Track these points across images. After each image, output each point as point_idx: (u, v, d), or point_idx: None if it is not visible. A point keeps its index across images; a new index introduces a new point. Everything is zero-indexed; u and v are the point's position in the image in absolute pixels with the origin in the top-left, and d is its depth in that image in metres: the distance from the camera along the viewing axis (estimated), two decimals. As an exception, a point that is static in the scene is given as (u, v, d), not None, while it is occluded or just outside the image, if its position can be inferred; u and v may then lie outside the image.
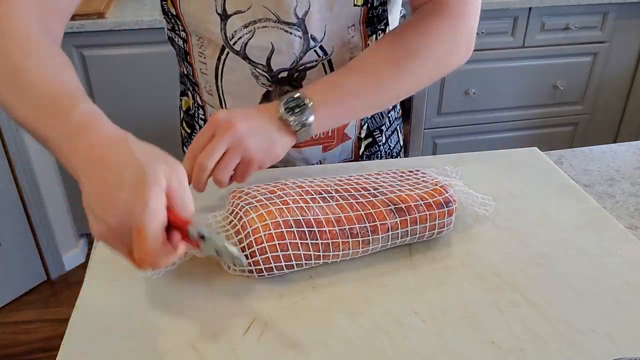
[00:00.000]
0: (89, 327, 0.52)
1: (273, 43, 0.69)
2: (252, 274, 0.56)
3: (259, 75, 0.72)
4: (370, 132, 0.85)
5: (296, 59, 0.71)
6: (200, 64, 0.75)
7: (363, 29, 0.73)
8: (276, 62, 0.71)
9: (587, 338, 0.51)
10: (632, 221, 0.71)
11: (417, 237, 0.61)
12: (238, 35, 0.69)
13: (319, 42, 0.70)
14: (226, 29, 0.69)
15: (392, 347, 0.50)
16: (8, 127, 1.70)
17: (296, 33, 0.69)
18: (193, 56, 0.75)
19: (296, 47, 0.70)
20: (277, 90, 0.73)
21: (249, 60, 0.71)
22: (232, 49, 0.70)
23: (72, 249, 2.07)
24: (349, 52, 0.73)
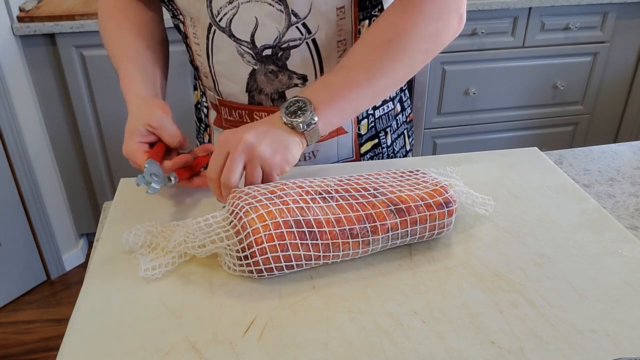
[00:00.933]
0: (89, 327, 0.52)
1: (257, 17, 0.71)
2: (252, 274, 0.56)
3: (244, 53, 0.74)
4: (377, 133, 0.85)
5: (279, 34, 0.72)
6: (195, 45, 0.78)
7: (354, 12, 0.72)
8: (260, 37, 0.72)
9: (587, 338, 0.51)
10: (632, 221, 0.71)
11: (417, 238, 0.61)
12: (223, 11, 0.71)
13: (302, 19, 0.71)
14: (212, 6, 0.71)
15: (392, 347, 0.50)
16: (8, 127, 1.70)
17: (278, 7, 0.70)
18: (190, 39, 0.78)
19: (278, 21, 0.71)
20: (263, 69, 0.74)
21: (234, 37, 0.73)
22: (219, 26, 0.72)
23: (72, 249, 2.08)
24: (337, 35, 0.73)
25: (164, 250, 0.59)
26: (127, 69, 0.76)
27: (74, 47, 1.71)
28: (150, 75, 0.77)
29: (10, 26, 1.66)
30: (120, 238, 0.60)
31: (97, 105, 1.82)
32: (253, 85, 0.77)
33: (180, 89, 1.84)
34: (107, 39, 0.81)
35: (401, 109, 0.89)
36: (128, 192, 0.73)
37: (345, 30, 0.73)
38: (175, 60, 1.93)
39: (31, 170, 1.81)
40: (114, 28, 0.81)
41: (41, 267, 1.96)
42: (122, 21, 0.81)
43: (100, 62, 1.75)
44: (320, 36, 0.72)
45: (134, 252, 0.60)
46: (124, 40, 0.79)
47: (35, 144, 1.82)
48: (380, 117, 0.84)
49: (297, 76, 0.75)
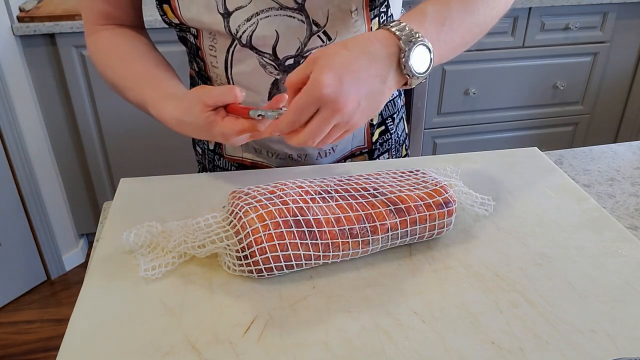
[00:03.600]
0: (89, 327, 0.52)
1: (277, 30, 0.70)
2: (252, 274, 0.56)
3: (267, 65, 0.73)
4: (384, 120, 0.86)
5: (301, 45, 0.72)
6: (211, 57, 0.76)
7: (366, 12, 0.73)
8: (282, 49, 0.72)
9: (587, 338, 0.51)
10: (632, 221, 0.71)
11: (417, 238, 0.61)
12: (242, 29, 0.71)
13: (322, 27, 0.71)
14: (230, 26, 0.70)
15: (392, 347, 0.50)
16: (8, 127, 1.70)
17: (298, 17, 0.70)
18: (204, 51, 0.77)
19: (300, 33, 0.71)
20: (285, 78, 0.74)
21: (256, 50, 0.72)
22: (240, 42, 0.72)
23: (72, 249, 2.08)
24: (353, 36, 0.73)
25: (164, 250, 0.59)
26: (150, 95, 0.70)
27: (74, 47, 1.71)
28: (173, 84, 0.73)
29: (10, 26, 1.66)
30: (120, 238, 0.60)
31: (97, 105, 1.82)
32: (275, 94, 0.76)
33: (180, 89, 1.84)
34: (113, 73, 0.76)
35: (398, 93, 0.90)
36: (128, 192, 0.73)
37: (359, 31, 0.74)
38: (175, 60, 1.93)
39: (31, 170, 1.81)
40: (117, 63, 0.76)
41: (41, 267, 1.96)
42: (125, 52, 0.77)
43: (100, 62, 1.75)
44: (339, 40, 0.72)
45: (134, 252, 0.60)
46: (135, 68, 0.75)
47: (35, 144, 1.82)
48: (387, 105, 0.85)
49: None
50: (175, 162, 1.97)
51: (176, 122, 0.66)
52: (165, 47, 1.92)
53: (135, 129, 1.89)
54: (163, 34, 1.73)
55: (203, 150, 0.92)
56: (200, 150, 0.93)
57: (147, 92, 0.70)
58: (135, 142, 1.91)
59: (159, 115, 0.68)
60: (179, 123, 0.65)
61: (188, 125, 0.65)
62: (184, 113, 0.64)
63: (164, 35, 1.74)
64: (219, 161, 0.90)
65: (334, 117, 0.54)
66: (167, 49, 1.84)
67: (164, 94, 0.69)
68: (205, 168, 0.93)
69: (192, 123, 0.64)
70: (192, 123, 0.64)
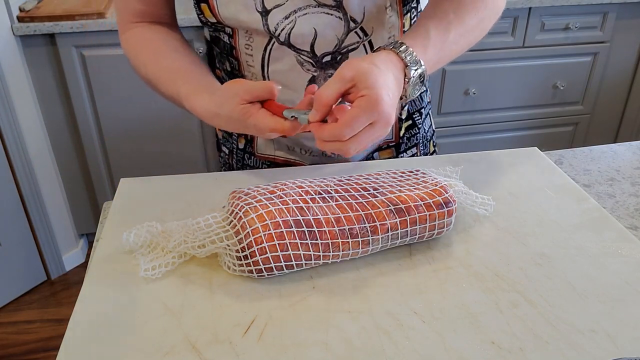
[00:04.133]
0: (89, 327, 0.52)
1: (315, 28, 0.72)
2: (252, 274, 0.56)
3: (304, 62, 0.75)
4: (410, 115, 0.87)
5: (338, 41, 0.73)
6: (246, 56, 0.77)
7: (399, 8, 0.75)
8: (320, 46, 0.73)
9: (587, 338, 0.51)
10: (632, 221, 0.71)
11: (417, 238, 0.61)
12: (280, 27, 0.72)
13: (359, 23, 0.73)
14: (268, 24, 0.71)
15: (392, 347, 0.50)
16: (8, 127, 1.70)
17: (336, 14, 0.71)
18: (239, 50, 0.77)
19: (337, 30, 0.72)
20: (322, 74, 0.76)
21: (294, 47, 0.73)
22: (278, 40, 0.73)
23: (72, 249, 2.08)
24: (388, 32, 0.76)
25: (164, 250, 0.59)
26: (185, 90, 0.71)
27: (74, 47, 1.71)
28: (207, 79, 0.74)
29: (10, 26, 1.66)
30: (120, 238, 0.60)
31: (97, 105, 1.82)
32: None
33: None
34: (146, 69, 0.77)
35: (425, 89, 0.91)
36: (128, 192, 0.73)
37: (394, 27, 0.76)
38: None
39: (31, 170, 1.81)
40: (150, 58, 0.77)
41: (41, 267, 1.96)
42: (158, 47, 0.78)
43: (100, 62, 1.75)
44: (375, 37, 0.75)
45: (134, 252, 0.60)
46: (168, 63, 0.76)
47: (35, 144, 1.82)
48: (413, 100, 0.87)
49: None
50: (175, 162, 1.97)
51: (210, 115, 0.66)
52: (165, 47, 1.90)
53: (135, 129, 1.89)
54: (163, 34, 1.73)
55: (231, 150, 0.92)
56: (227, 151, 0.93)
57: (180, 85, 0.71)
58: (135, 142, 1.91)
59: (193, 108, 0.69)
60: (213, 115, 0.66)
61: (222, 118, 0.65)
62: (218, 105, 0.65)
63: (164, 35, 1.74)
64: (249, 160, 0.90)
65: (383, 131, 0.58)
66: (167, 49, 1.83)
67: (197, 87, 0.70)
68: (232, 168, 0.93)
69: (226, 115, 0.64)
70: (226, 115, 0.64)
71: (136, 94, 1.82)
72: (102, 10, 1.70)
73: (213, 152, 2.00)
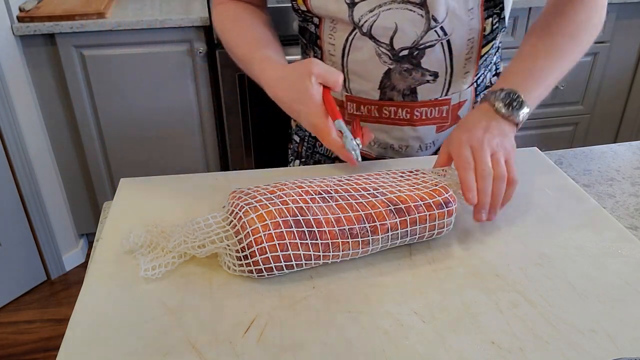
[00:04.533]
0: (89, 327, 0.52)
1: (397, 23, 0.75)
2: (251, 274, 0.56)
3: (382, 54, 0.78)
4: None
5: (417, 38, 0.76)
6: (329, 45, 0.82)
7: (481, 11, 0.77)
8: (399, 40, 0.77)
9: (587, 338, 0.51)
10: (632, 221, 0.71)
11: (417, 238, 0.61)
12: (365, 18, 0.76)
13: (440, 22, 0.75)
14: (353, 15, 0.76)
15: (392, 347, 0.50)
16: (8, 127, 1.70)
17: (419, 12, 0.74)
18: (323, 39, 0.82)
19: (418, 26, 0.75)
20: (397, 68, 0.79)
21: (374, 39, 0.77)
22: (360, 30, 0.77)
23: (72, 249, 2.08)
24: (467, 34, 0.78)
25: (164, 250, 0.59)
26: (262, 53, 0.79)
27: (73, 47, 1.71)
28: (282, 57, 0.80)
29: (10, 26, 1.66)
30: (120, 238, 0.60)
31: (97, 105, 1.82)
32: (387, 83, 0.81)
33: (180, 89, 1.84)
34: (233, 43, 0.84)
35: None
36: (128, 192, 0.73)
37: (474, 29, 0.78)
38: (175, 60, 1.93)
39: (31, 170, 1.81)
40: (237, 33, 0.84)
41: (41, 267, 1.96)
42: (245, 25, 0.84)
43: (100, 62, 1.75)
44: (454, 37, 0.77)
45: (134, 252, 0.60)
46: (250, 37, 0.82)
47: (35, 144, 1.82)
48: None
49: (430, 73, 0.80)
50: (175, 162, 1.97)
51: (276, 77, 0.74)
52: (165, 47, 1.92)
53: (135, 129, 1.89)
54: (163, 34, 1.73)
55: (302, 138, 0.96)
56: (298, 139, 0.97)
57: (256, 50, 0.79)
58: (135, 142, 1.91)
59: (262, 69, 0.76)
60: (279, 78, 0.73)
61: (285, 82, 0.73)
62: (289, 71, 0.72)
63: (164, 36, 1.74)
64: (320, 147, 0.94)
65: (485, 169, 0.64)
66: (168, 49, 1.85)
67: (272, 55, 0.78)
68: (301, 156, 0.97)
69: (290, 82, 0.72)
70: (291, 82, 0.72)
71: (136, 94, 1.82)
72: (102, 10, 1.70)
73: (213, 152, 2.00)
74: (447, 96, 0.83)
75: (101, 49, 1.74)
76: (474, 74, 0.84)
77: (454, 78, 0.81)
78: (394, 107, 0.83)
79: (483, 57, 0.83)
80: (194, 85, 1.84)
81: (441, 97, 0.82)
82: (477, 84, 0.86)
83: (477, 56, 0.82)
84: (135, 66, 1.77)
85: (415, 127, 0.85)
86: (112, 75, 1.78)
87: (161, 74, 1.80)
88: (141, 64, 1.77)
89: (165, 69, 1.80)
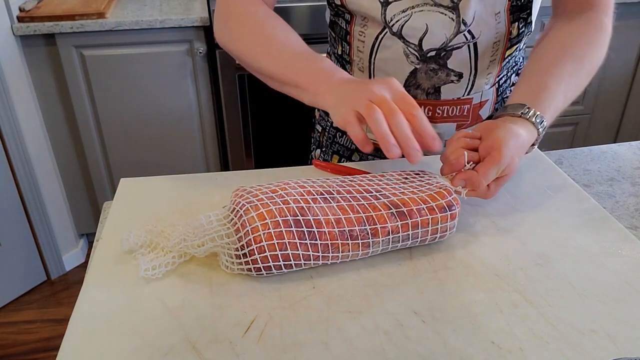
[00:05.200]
0: (89, 327, 0.52)
1: (428, 24, 0.77)
2: (250, 272, 0.56)
3: (410, 54, 0.80)
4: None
5: (446, 40, 0.78)
6: (358, 42, 0.83)
7: (507, 16, 0.79)
8: (428, 42, 0.78)
9: (587, 338, 0.51)
10: (632, 221, 0.71)
11: (419, 241, 0.61)
12: (396, 18, 0.77)
13: (468, 26, 0.77)
14: (386, 14, 0.77)
15: (392, 347, 0.50)
16: (8, 127, 1.70)
17: (450, 15, 0.76)
18: (353, 35, 0.83)
19: (448, 29, 0.77)
20: (424, 67, 0.81)
21: (404, 39, 0.79)
22: (390, 30, 0.78)
23: (72, 249, 2.08)
24: (494, 37, 0.80)
25: (164, 250, 0.59)
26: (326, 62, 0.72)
27: (73, 47, 1.71)
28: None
29: (10, 26, 1.66)
30: (120, 238, 0.60)
31: (97, 105, 1.82)
32: (412, 82, 0.83)
33: (180, 89, 1.84)
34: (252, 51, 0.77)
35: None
36: (128, 192, 0.73)
37: (500, 33, 0.80)
38: (175, 60, 1.93)
39: (31, 170, 1.81)
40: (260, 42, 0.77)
41: (41, 267, 1.96)
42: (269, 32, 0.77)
43: (100, 62, 1.76)
44: (481, 40, 0.79)
45: (134, 252, 0.60)
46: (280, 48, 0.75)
47: (35, 144, 1.82)
48: (504, 99, 0.90)
49: (454, 74, 0.81)
50: (175, 162, 1.97)
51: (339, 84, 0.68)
52: (165, 47, 1.92)
53: (135, 129, 1.89)
54: (163, 34, 1.73)
55: (324, 128, 0.97)
56: (320, 129, 0.99)
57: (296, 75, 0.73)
58: (135, 142, 1.91)
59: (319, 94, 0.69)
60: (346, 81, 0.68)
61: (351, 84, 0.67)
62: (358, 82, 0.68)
63: (164, 36, 1.74)
64: (340, 138, 0.95)
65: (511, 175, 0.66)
66: (168, 49, 1.85)
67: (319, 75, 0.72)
68: (322, 145, 0.98)
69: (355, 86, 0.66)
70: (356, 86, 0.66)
71: (136, 94, 1.82)
72: (102, 10, 1.70)
73: (213, 152, 2.00)
74: (470, 95, 0.84)
75: (101, 49, 1.74)
76: (497, 75, 0.85)
77: (477, 78, 0.82)
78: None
79: (507, 59, 0.85)
80: (194, 85, 1.84)
81: (463, 97, 0.84)
82: (499, 84, 0.87)
83: (501, 58, 0.83)
84: (135, 66, 1.78)
85: (436, 124, 0.86)
86: (112, 75, 1.78)
87: (161, 74, 1.80)
88: (141, 64, 1.77)
89: (165, 69, 1.80)
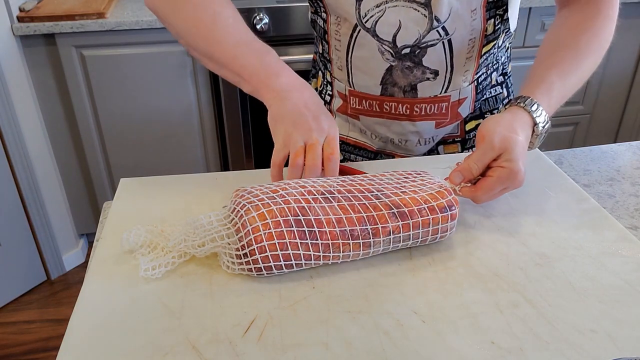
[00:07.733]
0: (89, 327, 0.52)
1: (401, 20, 0.77)
2: (251, 272, 0.56)
3: (384, 51, 0.80)
4: (482, 114, 0.91)
5: (419, 36, 0.78)
6: (335, 41, 0.85)
7: (483, 12, 0.79)
8: (401, 38, 0.78)
9: (587, 338, 0.51)
10: (632, 221, 0.71)
11: (420, 241, 0.61)
12: (370, 14, 0.78)
13: (442, 22, 0.77)
14: (360, 9, 0.78)
15: (392, 347, 0.50)
16: (8, 127, 1.70)
17: (422, 11, 0.76)
18: (330, 34, 0.85)
19: (420, 25, 0.77)
20: (400, 65, 0.81)
21: (377, 37, 0.79)
22: (364, 27, 0.79)
23: (72, 249, 2.08)
24: (469, 34, 0.79)
25: (164, 250, 0.59)
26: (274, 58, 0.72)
27: (73, 47, 1.71)
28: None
29: (10, 26, 1.66)
30: (120, 238, 0.60)
31: (97, 105, 1.82)
32: (389, 79, 0.83)
33: (180, 89, 1.84)
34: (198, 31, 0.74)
35: (507, 94, 0.94)
36: (128, 192, 0.73)
37: (475, 30, 0.79)
38: (175, 60, 1.93)
39: (31, 170, 1.81)
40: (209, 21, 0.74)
41: (41, 267, 1.96)
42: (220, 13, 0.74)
43: (100, 62, 1.75)
44: (455, 36, 0.78)
45: (134, 252, 0.60)
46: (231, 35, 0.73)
47: (35, 144, 1.82)
48: (487, 99, 0.90)
49: (430, 71, 0.81)
50: (175, 162, 1.97)
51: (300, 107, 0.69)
52: (165, 47, 1.92)
53: (135, 129, 1.89)
54: (163, 34, 1.73)
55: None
56: None
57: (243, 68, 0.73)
58: (135, 142, 1.91)
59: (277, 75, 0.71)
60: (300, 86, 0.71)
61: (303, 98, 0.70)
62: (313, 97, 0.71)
63: (164, 36, 1.74)
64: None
65: (518, 186, 0.66)
66: (168, 49, 1.85)
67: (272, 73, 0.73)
68: None
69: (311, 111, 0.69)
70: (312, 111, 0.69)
71: (136, 94, 1.82)
72: (102, 10, 1.70)
73: (213, 152, 2.00)
74: (447, 93, 0.84)
75: (101, 49, 1.74)
76: (474, 72, 0.84)
77: (454, 76, 0.82)
78: (395, 103, 0.85)
79: (484, 56, 0.84)
80: (194, 85, 1.84)
81: (441, 94, 0.83)
82: (477, 82, 0.86)
83: (478, 55, 0.82)
84: (135, 66, 1.78)
85: (415, 123, 0.86)
86: (112, 75, 1.78)
87: (161, 74, 1.80)
88: (141, 64, 1.77)
89: (165, 69, 1.80)
